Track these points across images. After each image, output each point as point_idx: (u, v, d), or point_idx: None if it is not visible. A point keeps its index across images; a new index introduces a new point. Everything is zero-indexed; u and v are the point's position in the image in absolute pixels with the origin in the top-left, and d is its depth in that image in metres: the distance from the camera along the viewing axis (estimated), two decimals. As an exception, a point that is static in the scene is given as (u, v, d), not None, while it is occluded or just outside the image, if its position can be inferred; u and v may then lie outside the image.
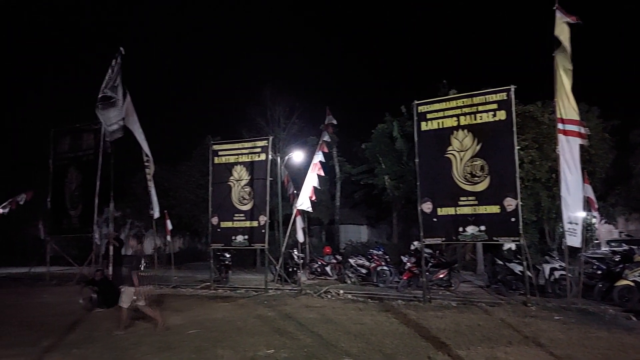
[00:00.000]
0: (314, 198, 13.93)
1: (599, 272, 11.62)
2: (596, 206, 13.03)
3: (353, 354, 6.38)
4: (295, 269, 15.62)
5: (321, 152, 14.06)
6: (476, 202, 10.70)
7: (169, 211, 18.66)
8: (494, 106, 10.73)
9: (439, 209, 11.17)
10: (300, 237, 14.45)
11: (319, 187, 14.21)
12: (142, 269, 8.09)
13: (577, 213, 10.30)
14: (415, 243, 13.79)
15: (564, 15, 10.00)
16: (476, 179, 10.77)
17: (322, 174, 14.17)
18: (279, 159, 16.86)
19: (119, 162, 14.53)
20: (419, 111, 11.73)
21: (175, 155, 28.48)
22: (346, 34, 77.31)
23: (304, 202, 13.64)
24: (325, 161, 14.34)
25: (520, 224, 10.20)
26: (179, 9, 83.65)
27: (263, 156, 14.33)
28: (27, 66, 56.96)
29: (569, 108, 10.23)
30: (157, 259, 19.58)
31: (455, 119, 11.21)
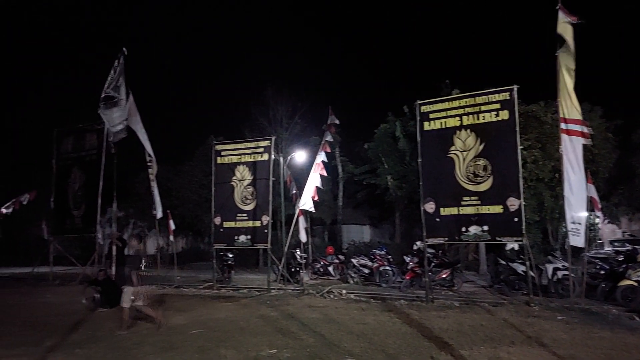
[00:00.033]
0: (316, 198, 13.96)
1: (602, 272, 11.59)
2: (599, 206, 12.98)
3: (356, 353, 6.38)
4: (297, 269, 15.61)
5: (324, 152, 14.08)
6: (479, 202, 10.68)
7: (172, 211, 18.72)
8: (497, 106, 10.71)
9: (441, 208, 11.15)
10: (302, 237, 14.48)
11: (321, 187, 14.24)
12: (142, 268, 8.11)
13: (580, 213, 10.29)
14: (418, 243, 13.78)
15: (565, 15, 10.00)
16: (479, 178, 10.75)
17: (325, 174, 14.19)
18: (281, 159, 16.86)
19: (122, 162, 14.52)
20: (421, 111, 11.70)
21: (178, 156, 28.61)
22: (348, 33, 77.38)
23: (307, 202, 13.66)
24: (327, 161, 14.38)
25: (523, 224, 10.17)
26: (181, 9, 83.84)
27: (266, 156, 14.32)
28: (29, 66, 57.29)
29: (571, 108, 10.24)
30: (160, 259, 19.58)
31: (458, 118, 11.19)
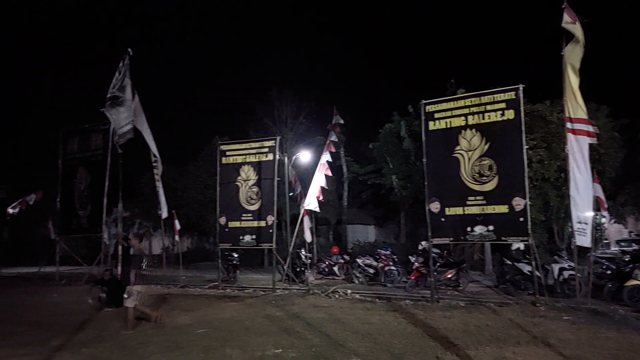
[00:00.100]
0: (321, 198, 13.95)
1: (609, 272, 11.53)
2: (606, 206, 12.94)
3: (361, 353, 6.38)
4: (302, 268, 15.63)
5: (328, 152, 14.07)
6: (484, 202, 10.64)
7: (177, 211, 18.77)
8: (502, 105, 10.67)
9: (447, 208, 11.13)
10: (307, 237, 14.48)
11: (326, 187, 14.23)
12: (143, 267, 8.15)
13: (586, 213, 10.24)
14: (423, 243, 13.75)
15: (569, 16, 9.87)
16: (484, 178, 10.71)
17: (330, 174, 14.19)
18: (286, 159, 16.88)
19: (128, 163, 14.57)
20: (426, 111, 11.68)
21: (183, 156, 28.66)
22: (353, 33, 77.34)
23: (312, 202, 13.66)
24: (332, 161, 14.36)
25: (529, 224, 10.14)
26: (186, 10, 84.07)
27: (270, 156, 14.34)
28: (33, 66, 57.50)
29: (576, 107, 10.18)
30: (165, 258, 19.65)
31: (463, 118, 11.15)
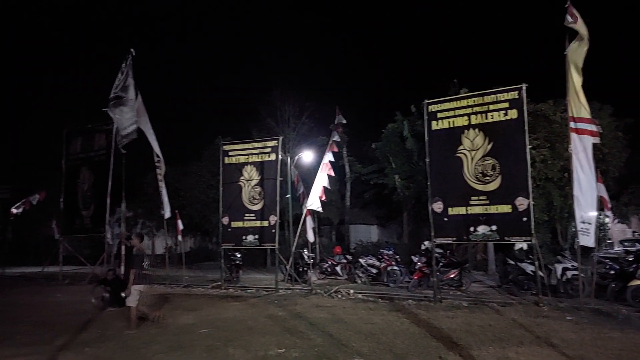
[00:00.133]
0: (324, 198, 13.97)
1: (612, 272, 11.48)
2: (609, 205, 12.90)
3: (364, 353, 6.38)
4: (305, 268, 15.63)
5: (331, 152, 14.09)
6: (487, 202, 10.63)
7: (180, 211, 18.81)
8: (506, 105, 10.65)
9: (449, 208, 11.11)
10: (310, 236, 14.49)
11: (329, 187, 14.25)
12: (145, 266, 8.18)
13: (589, 212, 10.21)
14: (426, 243, 13.74)
15: (570, 16, 9.78)
16: (487, 178, 10.70)
17: (332, 173, 14.20)
18: (288, 159, 16.89)
19: (131, 163, 14.56)
20: (429, 110, 11.66)
21: (186, 156, 28.70)
22: (355, 33, 77.24)
23: (314, 202, 13.68)
24: (335, 161, 14.38)
25: (532, 224, 10.11)
26: (187, 10, 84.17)
27: (273, 156, 14.34)
28: (34, 66, 57.65)
29: (580, 107, 10.15)
30: (168, 258, 19.69)
31: (466, 118, 11.14)
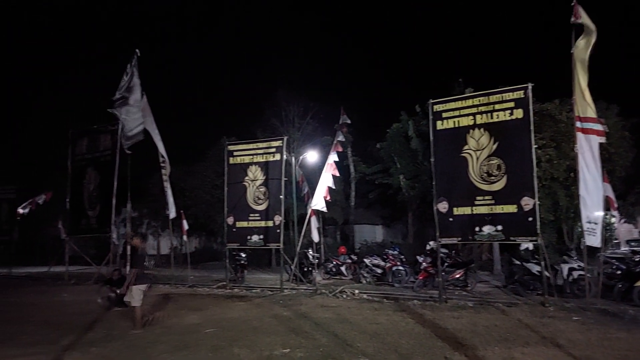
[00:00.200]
0: (328, 198, 13.95)
1: (619, 272, 11.43)
2: (616, 205, 12.81)
3: (369, 353, 6.37)
4: (310, 268, 15.64)
5: (335, 152, 14.07)
6: (493, 202, 10.58)
7: (185, 211, 18.84)
8: (511, 104, 10.61)
9: (455, 208, 11.08)
10: (315, 236, 14.49)
11: (333, 187, 14.23)
12: (147, 266, 8.21)
13: (596, 212, 10.15)
14: (431, 243, 13.69)
15: (574, 14, 9.73)
16: (493, 178, 10.65)
17: (337, 174, 14.19)
18: (293, 159, 16.90)
19: (136, 163, 14.67)
20: (434, 110, 11.64)
21: (191, 156, 28.76)
22: (360, 33, 77.25)
23: (319, 202, 13.67)
24: (339, 161, 14.36)
25: (538, 224, 10.06)
26: (189, 10, 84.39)
27: (278, 156, 14.35)
28: (39, 67, 57.96)
29: (586, 106, 10.09)
30: (173, 258, 19.75)
31: (471, 117, 11.10)
